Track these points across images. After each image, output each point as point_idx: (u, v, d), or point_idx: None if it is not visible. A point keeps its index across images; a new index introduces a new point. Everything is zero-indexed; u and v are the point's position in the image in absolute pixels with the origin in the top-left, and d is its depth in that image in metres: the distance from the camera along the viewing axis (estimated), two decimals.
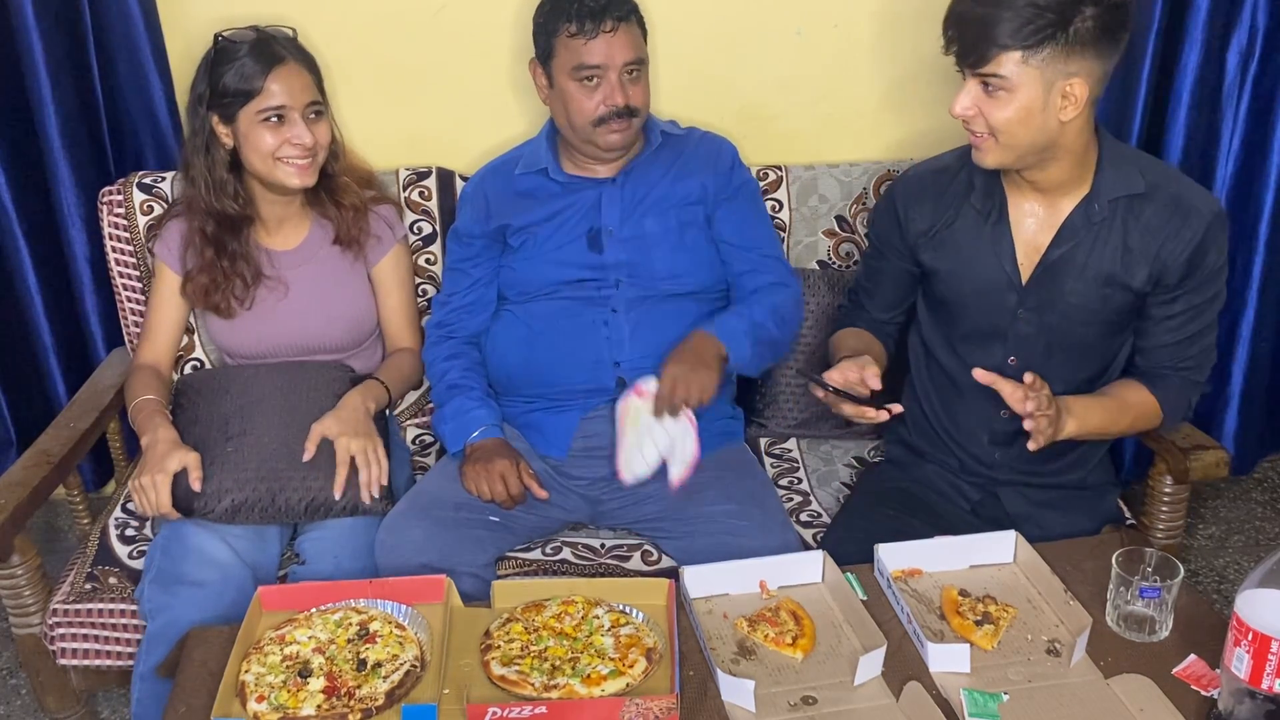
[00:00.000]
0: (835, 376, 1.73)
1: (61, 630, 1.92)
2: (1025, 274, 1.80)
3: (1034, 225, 1.79)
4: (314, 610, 1.58)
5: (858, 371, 1.72)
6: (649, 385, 1.86)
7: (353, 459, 1.89)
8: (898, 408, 1.71)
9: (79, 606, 1.91)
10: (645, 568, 1.96)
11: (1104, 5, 1.59)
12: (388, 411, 2.16)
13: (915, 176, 1.92)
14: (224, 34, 1.97)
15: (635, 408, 1.87)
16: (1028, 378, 1.64)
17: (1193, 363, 1.82)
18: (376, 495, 1.90)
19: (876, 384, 1.72)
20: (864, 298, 2.05)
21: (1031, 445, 1.66)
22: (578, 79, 1.94)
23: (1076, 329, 1.80)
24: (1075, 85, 1.62)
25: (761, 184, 2.29)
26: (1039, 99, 1.62)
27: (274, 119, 1.93)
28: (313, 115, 1.97)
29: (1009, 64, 1.60)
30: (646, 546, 1.99)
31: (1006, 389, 1.65)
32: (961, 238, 1.84)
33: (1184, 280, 1.75)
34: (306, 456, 1.88)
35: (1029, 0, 1.58)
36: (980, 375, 1.66)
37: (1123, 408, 1.80)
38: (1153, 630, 1.51)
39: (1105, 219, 1.74)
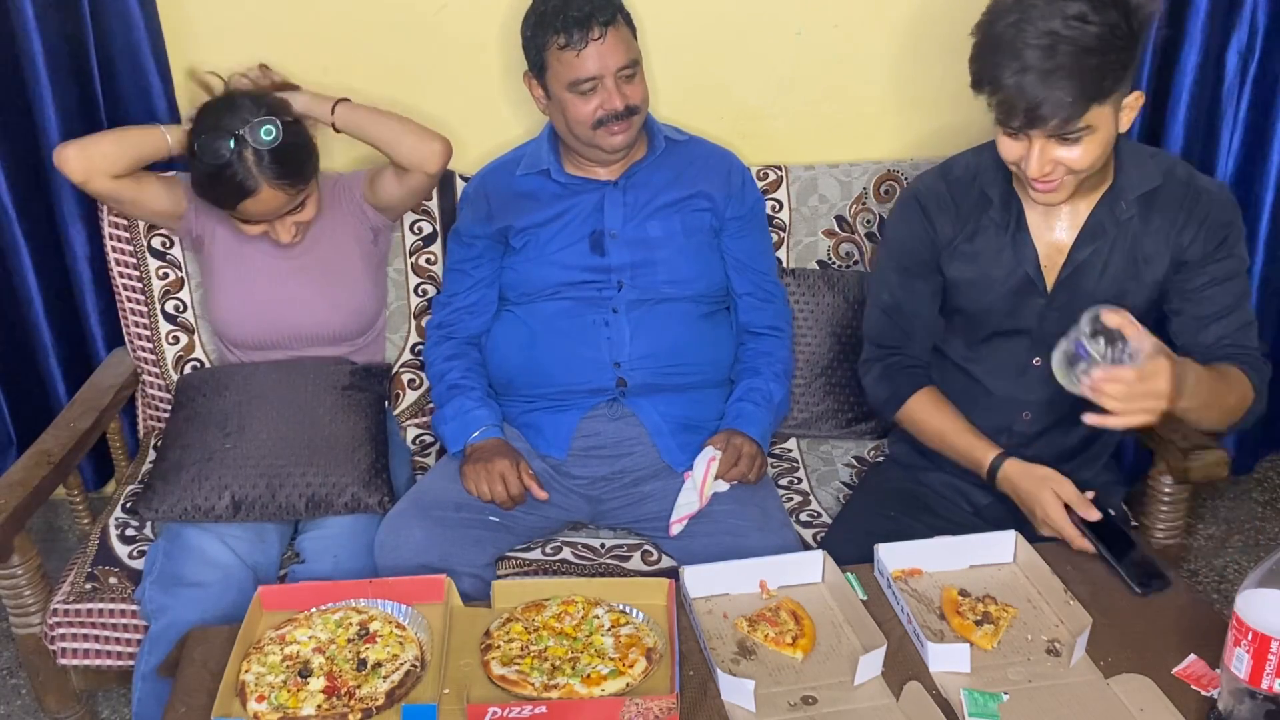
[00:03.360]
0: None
1: (61, 630, 1.92)
2: (1050, 275, 1.79)
3: (1056, 227, 1.78)
4: (314, 610, 1.58)
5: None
6: (714, 453, 1.93)
7: None
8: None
9: (79, 606, 1.91)
10: (645, 568, 1.96)
11: (1138, 14, 1.57)
12: (386, 404, 2.16)
13: (932, 186, 1.86)
14: (197, 145, 1.90)
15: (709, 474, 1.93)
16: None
17: (1246, 338, 1.77)
18: None
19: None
20: (901, 343, 1.91)
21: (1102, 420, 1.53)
22: (575, 91, 1.94)
23: None
24: (1132, 96, 1.62)
25: (761, 184, 2.29)
26: (1114, 125, 1.62)
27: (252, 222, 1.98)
28: (295, 210, 1.99)
29: (1091, 115, 1.57)
30: (646, 546, 2.00)
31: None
32: (982, 249, 1.81)
33: (1210, 253, 1.74)
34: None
35: (1096, 47, 1.53)
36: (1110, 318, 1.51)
37: (1225, 379, 1.69)
38: (1075, 378, 1.49)
39: (1129, 216, 1.75)
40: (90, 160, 1.98)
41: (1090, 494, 1.70)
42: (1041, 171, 1.62)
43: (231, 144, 1.87)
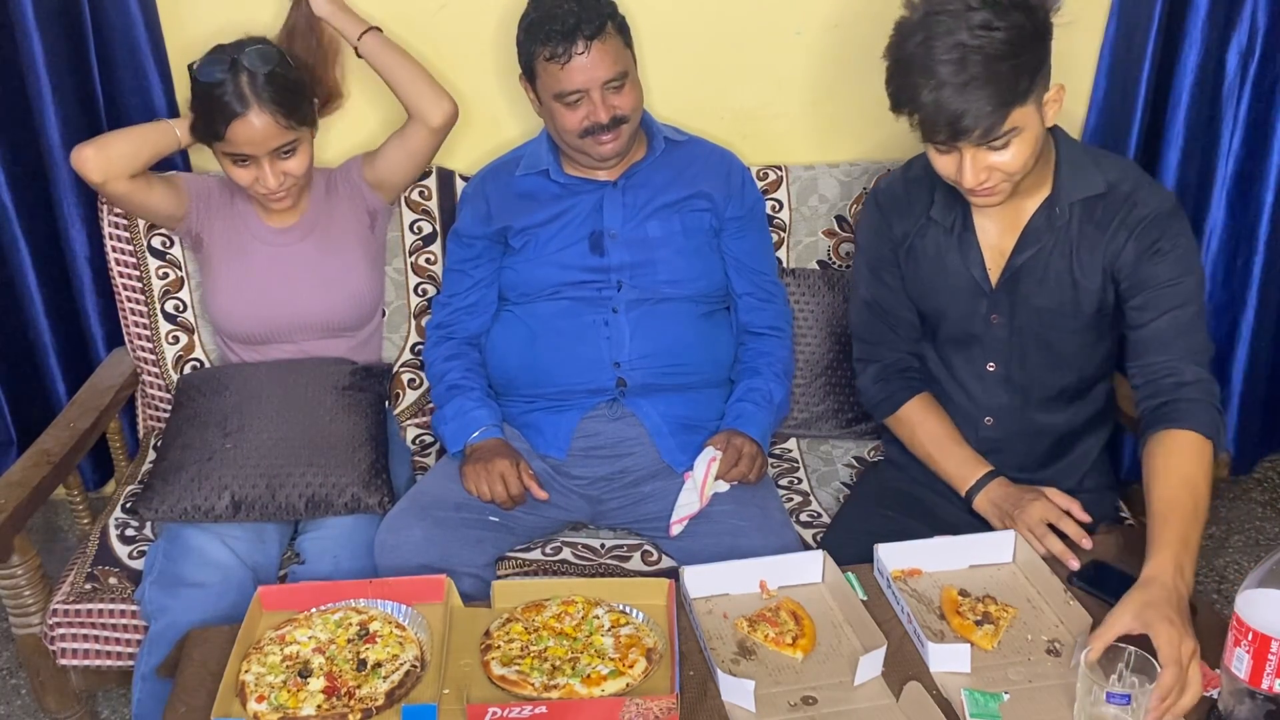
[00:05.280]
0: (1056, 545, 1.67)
1: (61, 630, 1.92)
2: (994, 279, 1.79)
3: (997, 230, 1.78)
4: (314, 610, 1.58)
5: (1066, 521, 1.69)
6: (714, 453, 1.93)
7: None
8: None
9: (79, 606, 1.91)
10: (645, 568, 1.96)
11: (1040, 10, 1.57)
12: (387, 404, 2.16)
13: (888, 188, 1.89)
14: (194, 67, 1.94)
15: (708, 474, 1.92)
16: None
17: (1188, 369, 1.67)
18: None
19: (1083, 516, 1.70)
20: (883, 345, 1.93)
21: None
22: (562, 102, 1.94)
23: (1049, 332, 1.79)
24: (1053, 90, 1.62)
25: (761, 184, 2.29)
26: (1039, 123, 1.62)
27: (241, 161, 1.96)
28: (283, 154, 1.97)
29: (1014, 119, 1.56)
30: (646, 546, 2.00)
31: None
32: (930, 249, 1.83)
33: (1141, 262, 1.69)
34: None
35: (1006, 53, 1.52)
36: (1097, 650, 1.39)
37: (1192, 494, 1.56)
38: None
39: (1065, 221, 1.73)
40: (109, 161, 1.97)
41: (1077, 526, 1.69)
42: (978, 181, 1.62)
43: (227, 65, 1.90)
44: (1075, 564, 1.63)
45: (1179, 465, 1.60)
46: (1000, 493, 1.76)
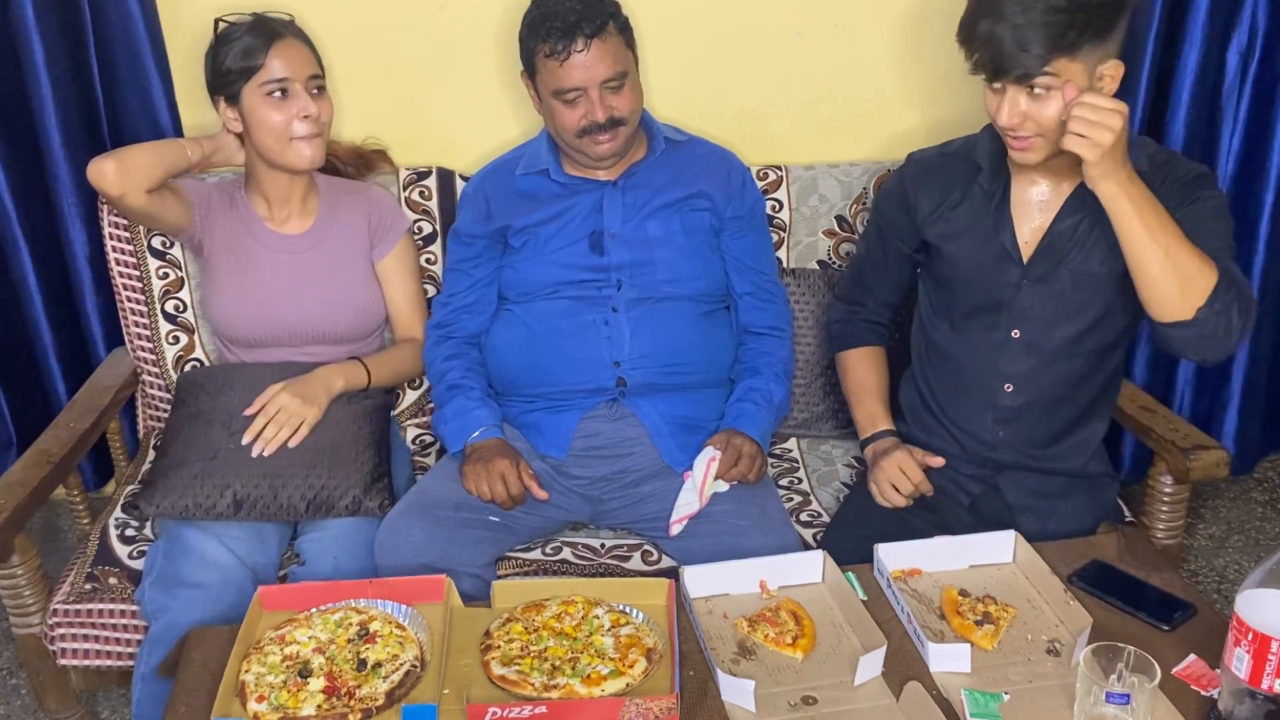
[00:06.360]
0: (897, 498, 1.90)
1: (61, 630, 1.91)
2: (1028, 250, 1.82)
3: (1038, 202, 1.81)
4: (314, 610, 1.58)
5: (917, 472, 1.89)
6: (714, 453, 1.94)
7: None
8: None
9: (79, 606, 1.91)
10: (645, 568, 1.96)
11: None
12: (391, 411, 2.16)
13: (923, 159, 1.95)
14: (223, 18, 2.00)
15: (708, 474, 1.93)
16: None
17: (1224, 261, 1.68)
18: (267, 453, 1.90)
19: (936, 461, 1.90)
20: (862, 295, 2.07)
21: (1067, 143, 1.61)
22: (560, 99, 1.94)
23: (1080, 299, 1.81)
24: (1110, 66, 1.66)
25: (761, 184, 2.29)
26: (1087, 87, 1.64)
27: (278, 94, 1.96)
28: (315, 90, 2.00)
29: (1058, 68, 1.62)
30: (646, 546, 2.00)
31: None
32: (965, 216, 1.86)
33: (1179, 212, 1.70)
34: (248, 411, 1.93)
35: (1064, 7, 1.58)
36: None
37: (1173, 225, 1.65)
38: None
39: None
40: (128, 174, 1.95)
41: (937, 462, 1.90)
42: (1010, 122, 1.68)
43: (251, 16, 2.01)
44: (898, 501, 1.87)
45: (1192, 245, 1.65)
46: (883, 447, 1.94)
